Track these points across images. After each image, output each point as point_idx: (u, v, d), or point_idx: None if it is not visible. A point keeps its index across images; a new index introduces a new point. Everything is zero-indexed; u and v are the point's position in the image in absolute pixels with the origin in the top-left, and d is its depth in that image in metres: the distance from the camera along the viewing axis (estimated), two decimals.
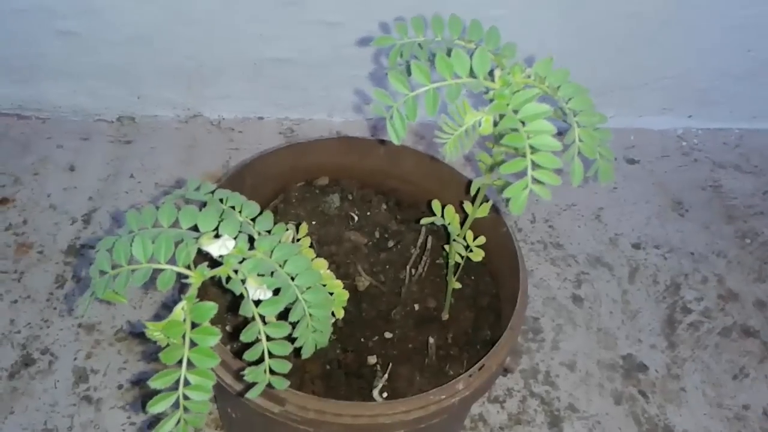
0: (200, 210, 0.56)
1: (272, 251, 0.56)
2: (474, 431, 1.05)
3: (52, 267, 1.18)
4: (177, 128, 1.42)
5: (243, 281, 0.53)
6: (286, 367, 0.54)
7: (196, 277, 0.51)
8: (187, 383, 0.48)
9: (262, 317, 0.53)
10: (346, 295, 0.70)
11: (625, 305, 1.23)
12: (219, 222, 0.55)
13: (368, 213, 0.99)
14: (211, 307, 0.48)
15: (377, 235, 0.97)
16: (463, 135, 0.48)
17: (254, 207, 0.63)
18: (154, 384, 0.47)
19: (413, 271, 0.92)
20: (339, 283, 0.68)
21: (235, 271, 0.53)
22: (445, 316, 0.88)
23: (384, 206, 1.00)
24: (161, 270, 0.51)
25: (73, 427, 1.01)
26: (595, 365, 1.15)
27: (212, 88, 1.40)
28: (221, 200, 0.62)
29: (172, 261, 0.53)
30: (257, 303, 0.53)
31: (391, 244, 0.96)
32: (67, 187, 1.29)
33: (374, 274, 0.93)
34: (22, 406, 1.02)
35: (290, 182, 1.00)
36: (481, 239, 0.79)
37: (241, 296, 0.54)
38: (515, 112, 0.47)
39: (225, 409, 0.99)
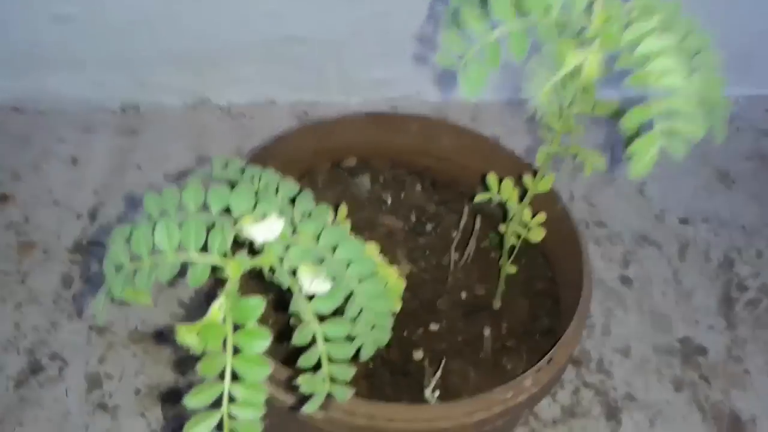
0: (231, 190, 0.47)
1: (318, 236, 0.47)
2: (525, 426, 0.96)
3: (57, 266, 1.09)
4: (184, 116, 1.33)
5: (293, 272, 0.44)
6: (348, 373, 0.45)
7: (234, 269, 0.42)
8: (232, 399, 0.39)
9: (317, 315, 0.44)
10: (402, 284, 0.61)
11: (677, 285, 1.14)
12: (255, 203, 0.46)
13: (402, 195, 0.90)
14: (257, 304, 0.39)
15: (413, 218, 0.88)
16: (559, 84, 0.40)
17: (292, 185, 0.54)
18: (190, 403, 0.38)
19: (458, 255, 0.83)
20: (394, 270, 0.59)
21: (280, 261, 0.45)
22: (497, 305, 0.80)
23: (419, 187, 0.91)
24: (192, 262, 0.42)
25: None
26: (651, 350, 1.06)
27: (220, 71, 1.31)
28: (252, 180, 0.53)
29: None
30: (309, 298, 0.44)
31: (429, 227, 0.87)
32: (70, 182, 1.20)
33: (414, 261, 0.84)
34: (31, 417, 0.94)
35: (315, 165, 0.91)
36: (541, 216, 0.70)
37: (288, 291, 0.45)
38: (631, 49, 0.38)
39: None
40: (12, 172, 1.20)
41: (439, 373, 0.72)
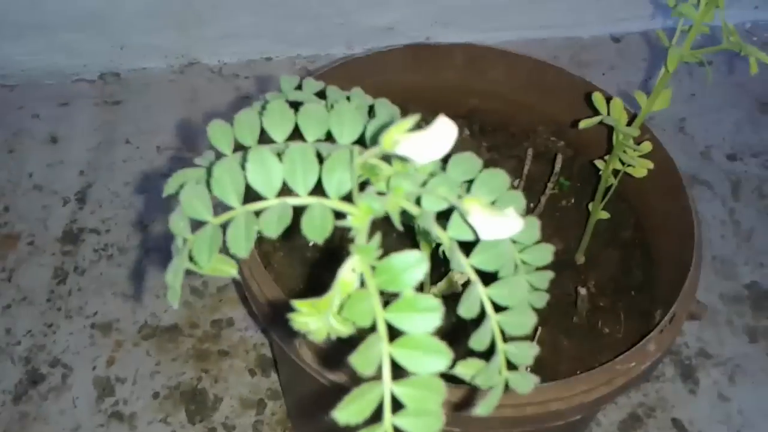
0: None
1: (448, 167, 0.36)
2: None
3: (47, 259, 0.95)
4: (172, 80, 1.19)
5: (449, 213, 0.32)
6: (530, 353, 0.33)
7: (363, 213, 0.30)
8: (397, 406, 0.27)
9: (481, 274, 0.32)
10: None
11: (735, 226, 1.04)
12: (364, 128, 0.34)
13: None
14: (416, 261, 0.27)
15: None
16: None
17: (390, 106, 0.42)
18: (344, 417, 0.25)
19: (525, 206, 0.71)
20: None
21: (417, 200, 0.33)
22: (581, 259, 0.68)
23: (466, 132, 0.79)
24: (303, 207, 0.30)
25: None
26: (719, 300, 0.96)
27: (208, 27, 1.16)
28: (333, 106, 0.40)
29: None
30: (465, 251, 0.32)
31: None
32: (51, 163, 1.06)
33: None
34: None
35: None
36: (648, 145, 0.58)
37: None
38: None
39: (300, 400, 0.78)
40: None
41: (538, 351, 0.60)
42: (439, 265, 0.53)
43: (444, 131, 0.29)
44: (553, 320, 0.65)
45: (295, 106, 0.36)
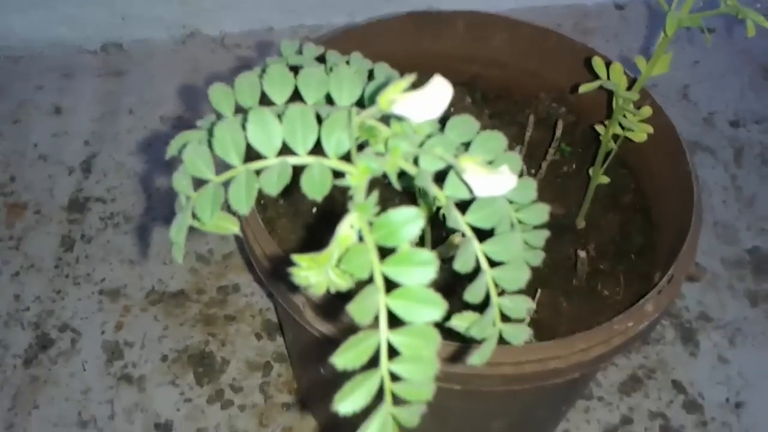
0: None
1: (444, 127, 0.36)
2: None
3: (54, 228, 0.96)
4: (173, 50, 1.19)
5: (444, 173, 0.33)
6: (524, 305, 0.34)
7: (361, 173, 0.30)
8: (392, 353, 0.28)
9: (476, 231, 0.33)
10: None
11: (737, 192, 1.04)
12: (362, 90, 0.35)
13: (451, 110, 0.78)
14: (413, 216, 0.28)
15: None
16: None
17: (389, 70, 0.42)
18: (341, 362, 0.27)
19: (527, 172, 0.72)
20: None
21: (415, 160, 0.33)
22: (581, 224, 0.69)
23: (468, 99, 0.79)
24: (302, 167, 0.30)
25: (114, 414, 0.82)
26: (720, 264, 0.97)
27: None
28: (332, 69, 0.41)
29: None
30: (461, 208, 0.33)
31: None
32: (56, 133, 1.07)
33: None
34: (46, 397, 0.83)
35: None
36: (647, 110, 0.59)
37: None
38: None
39: (304, 364, 0.80)
40: None
41: (533, 306, 0.61)
42: (441, 231, 0.53)
43: (439, 91, 0.30)
44: (554, 283, 0.66)
45: (296, 70, 0.36)
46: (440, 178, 0.34)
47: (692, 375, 0.87)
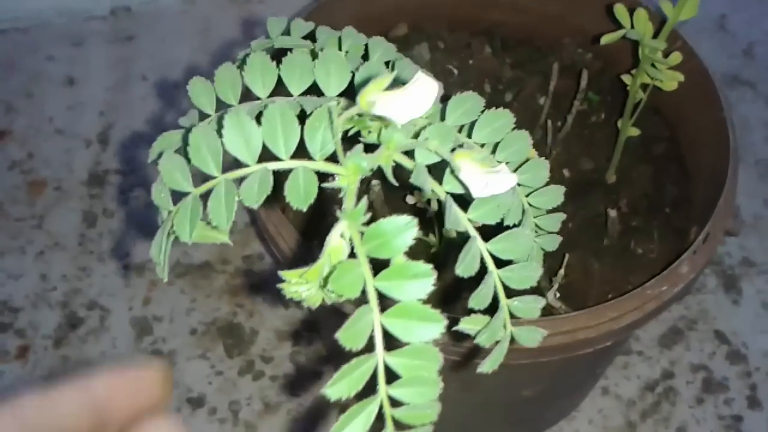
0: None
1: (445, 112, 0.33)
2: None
3: (75, 203, 0.95)
4: (183, 11, 1.15)
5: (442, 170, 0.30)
6: (536, 306, 0.32)
7: (351, 173, 0.27)
8: (391, 377, 0.25)
9: (480, 230, 0.30)
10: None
11: None
12: (352, 75, 0.32)
13: (470, 62, 0.74)
14: (407, 224, 0.25)
15: (488, 88, 0.72)
16: None
17: (386, 45, 0.39)
18: (335, 392, 0.24)
19: (552, 125, 0.68)
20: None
21: (410, 157, 0.30)
22: (612, 178, 0.65)
23: (488, 49, 0.75)
24: (287, 171, 0.28)
25: None
26: (762, 204, 0.92)
27: None
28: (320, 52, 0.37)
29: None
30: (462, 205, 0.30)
31: (509, 97, 0.72)
32: (71, 105, 1.05)
33: None
34: None
35: None
36: (676, 57, 0.54)
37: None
38: None
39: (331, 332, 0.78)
40: (3, 103, 1.05)
41: (562, 272, 0.58)
42: None
43: (424, 89, 0.26)
44: (583, 243, 0.63)
45: (285, 52, 0.33)
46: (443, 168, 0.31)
47: (735, 324, 0.84)
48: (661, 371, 0.81)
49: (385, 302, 0.25)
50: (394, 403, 0.25)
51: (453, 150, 0.29)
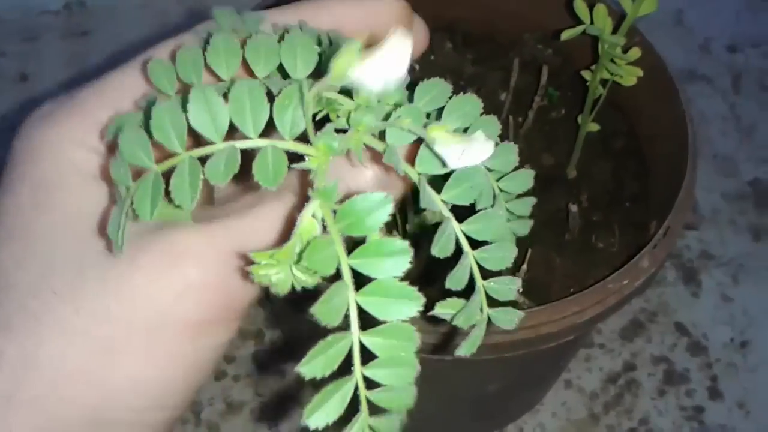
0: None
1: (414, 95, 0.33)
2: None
3: None
4: (141, 5, 1.13)
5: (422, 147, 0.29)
6: (512, 287, 0.31)
7: (322, 154, 0.27)
8: (366, 358, 0.25)
9: (452, 210, 0.30)
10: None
11: (736, 121, 1.00)
12: (319, 57, 0.31)
13: (431, 57, 0.73)
14: (381, 201, 0.24)
15: (450, 83, 0.72)
16: None
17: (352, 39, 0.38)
18: (309, 371, 0.24)
19: (513, 121, 0.68)
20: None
21: (381, 138, 0.30)
22: (572, 173, 0.66)
23: (449, 45, 0.75)
24: (255, 150, 0.27)
25: None
26: (720, 199, 0.94)
27: None
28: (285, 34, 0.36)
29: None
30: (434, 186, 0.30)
31: (470, 92, 0.71)
32: (24, 104, 1.02)
33: None
34: None
35: None
36: (636, 52, 0.54)
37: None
38: None
39: (290, 326, 0.78)
40: None
41: (525, 267, 0.58)
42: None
43: (398, 47, 0.25)
44: (545, 239, 0.63)
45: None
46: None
47: (695, 316, 0.85)
48: (623, 363, 0.82)
49: (362, 281, 0.25)
50: (370, 384, 0.25)
51: (425, 127, 0.29)
